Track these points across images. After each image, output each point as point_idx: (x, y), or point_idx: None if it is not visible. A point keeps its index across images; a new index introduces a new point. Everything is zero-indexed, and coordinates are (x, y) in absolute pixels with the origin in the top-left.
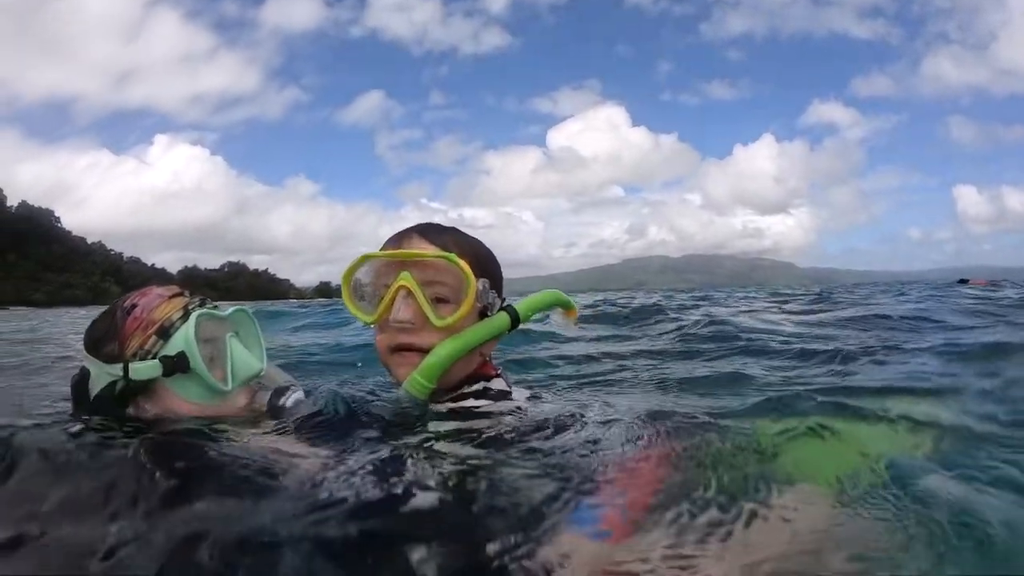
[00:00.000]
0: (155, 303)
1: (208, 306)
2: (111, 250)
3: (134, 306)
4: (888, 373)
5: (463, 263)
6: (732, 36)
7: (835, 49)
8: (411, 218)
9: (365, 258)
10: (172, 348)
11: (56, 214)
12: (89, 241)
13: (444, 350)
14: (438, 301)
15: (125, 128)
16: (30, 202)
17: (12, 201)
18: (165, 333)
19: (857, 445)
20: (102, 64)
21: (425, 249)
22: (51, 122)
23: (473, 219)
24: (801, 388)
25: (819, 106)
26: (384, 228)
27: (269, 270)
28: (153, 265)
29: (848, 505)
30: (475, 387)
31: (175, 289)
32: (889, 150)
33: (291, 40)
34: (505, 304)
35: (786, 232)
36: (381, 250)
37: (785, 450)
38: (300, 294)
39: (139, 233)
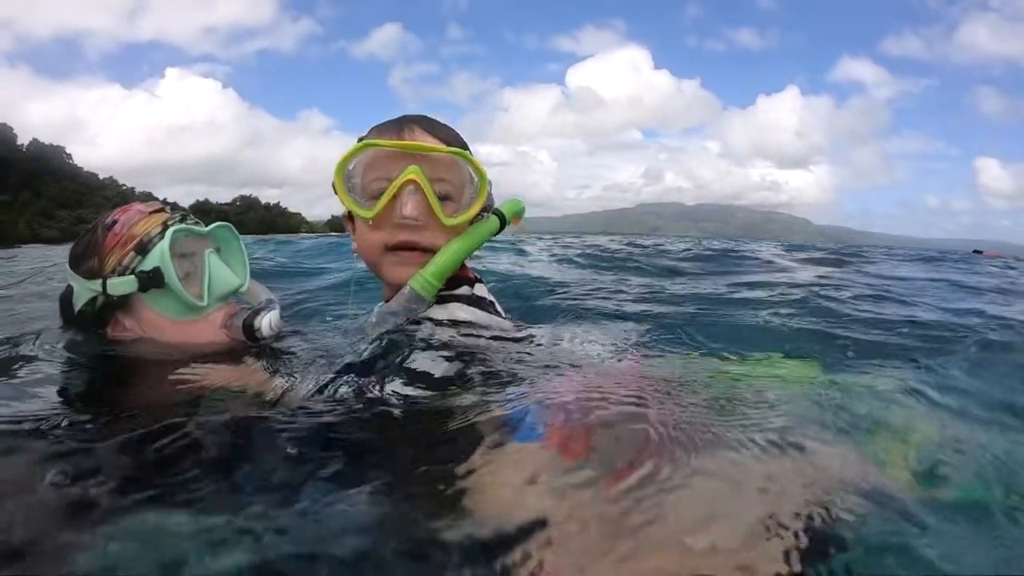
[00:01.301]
0: (135, 219)
1: (189, 222)
2: (123, 185)
3: (115, 222)
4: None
5: (477, 161)
6: None
7: (869, 4)
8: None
9: (367, 146)
10: (149, 264)
11: (67, 151)
12: (101, 177)
13: (455, 249)
14: (441, 199)
15: (136, 62)
16: (41, 140)
17: (23, 139)
18: (143, 248)
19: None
20: None
21: (430, 142)
22: (61, 58)
23: (488, 156)
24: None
25: (848, 62)
26: None
27: (281, 204)
28: (165, 199)
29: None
30: (461, 290)
31: (156, 205)
32: (915, 114)
33: None
34: (492, 207)
35: (804, 188)
36: (374, 139)
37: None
38: (311, 228)
39: (151, 167)
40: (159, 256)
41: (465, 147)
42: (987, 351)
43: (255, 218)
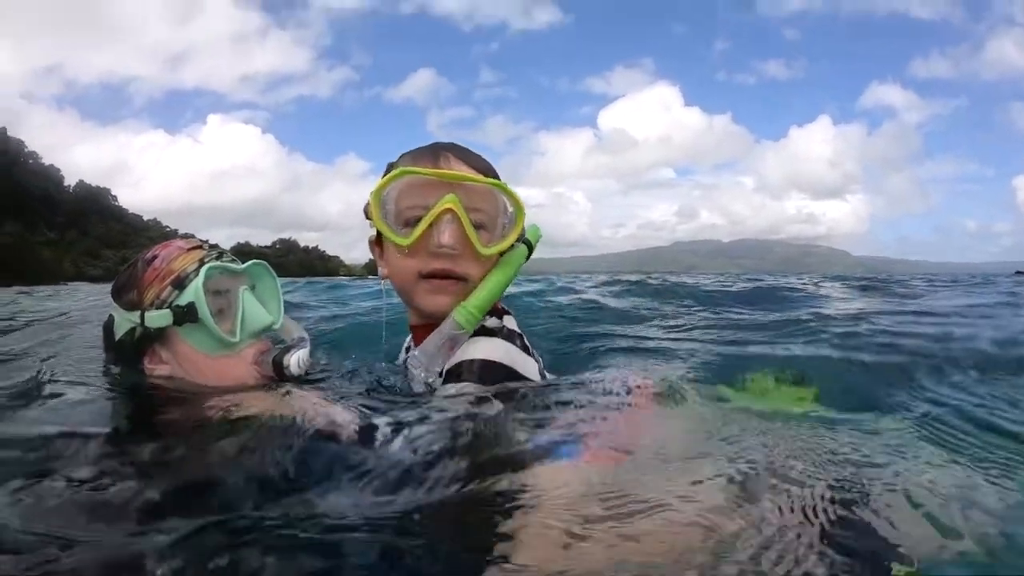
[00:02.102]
0: (174, 255)
1: (225, 260)
2: (166, 227)
3: (155, 257)
4: None
5: (513, 192)
6: (789, 13)
7: (895, 28)
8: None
9: (405, 173)
10: (185, 299)
11: (113, 193)
12: (145, 218)
13: (496, 280)
14: (476, 228)
15: (179, 108)
16: (87, 181)
17: (69, 181)
18: (180, 284)
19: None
20: (156, 46)
21: (464, 171)
22: (107, 104)
23: (525, 198)
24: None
25: (877, 88)
26: None
27: (319, 247)
28: (206, 240)
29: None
30: (492, 322)
31: (195, 242)
32: (947, 136)
33: (341, 19)
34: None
35: (840, 218)
36: (409, 166)
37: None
38: (350, 270)
39: (193, 210)
40: (194, 292)
41: (497, 176)
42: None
43: (294, 261)
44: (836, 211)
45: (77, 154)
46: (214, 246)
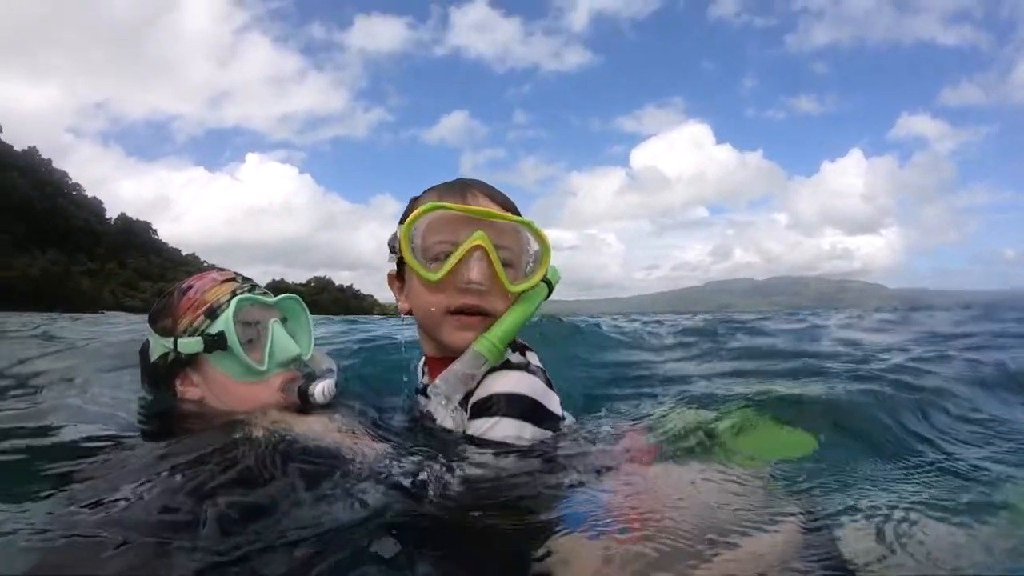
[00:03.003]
0: (208, 286)
1: (257, 292)
2: (204, 261)
3: (190, 287)
4: None
5: (540, 230)
6: (818, 48)
7: (923, 58)
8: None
9: (436, 208)
10: (216, 327)
11: (153, 227)
12: (184, 252)
13: (519, 313)
14: (503, 265)
15: (219, 146)
16: (129, 215)
17: (112, 213)
18: (212, 313)
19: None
20: (198, 86)
21: (492, 208)
22: (151, 141)
23: (558, 241)
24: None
25: (908, 119)
26: None
27: (354, 285)
28: (239, 274)
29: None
30: (515, 357)
31: (229, 274)
32: (980, 163)
33: (376, 62)
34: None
35: (875, 253)
36: (435, 202)
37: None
38: (383, 309)
39: (230, 246)
40: (224, 321)
41: (519, 213)
42: None
43: (329, 299)
44: (871, 246)
45: (121, 188)
46: (247, 279)
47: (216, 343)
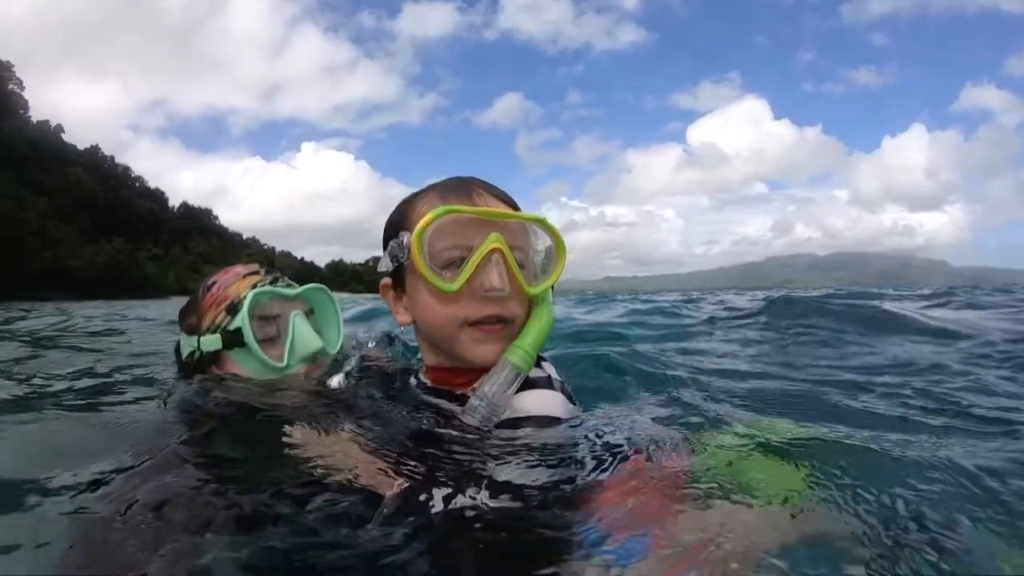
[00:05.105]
0: (231, 281)
1: (280, 285)
2: (264, 244)
3: (214, 283)
4: None
5: (554, 227)
6: (875, 18)
7: (986, 26)
8: (551, 217)
9: (449, 211)
10: (235, 324)
11: (214, 213)
12: (244, 236)
13: (544, 318)
14: (519, 267)
15: (274, 137)
16: (191, 203)
17: (174, 202)
18: (234, 309)
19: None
20: (252, 79)
21: (500, 207)
22: (208, 134)
23: (615, 217)
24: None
25: (972, 90)
26: None
27: None
28: (302, 258)
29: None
30: (535, 372)
31: (253, 267)
32: None
33: (428, 47)
34: None
35: (939, 229)
36: (447, 205)
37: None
38: None
39: (289, 230)
40: (241, 317)
41: (519, 209)
42: None
43: None
44: (934, 222)
45: (180, 179)
46: (272, 271)
47: (234, 339)
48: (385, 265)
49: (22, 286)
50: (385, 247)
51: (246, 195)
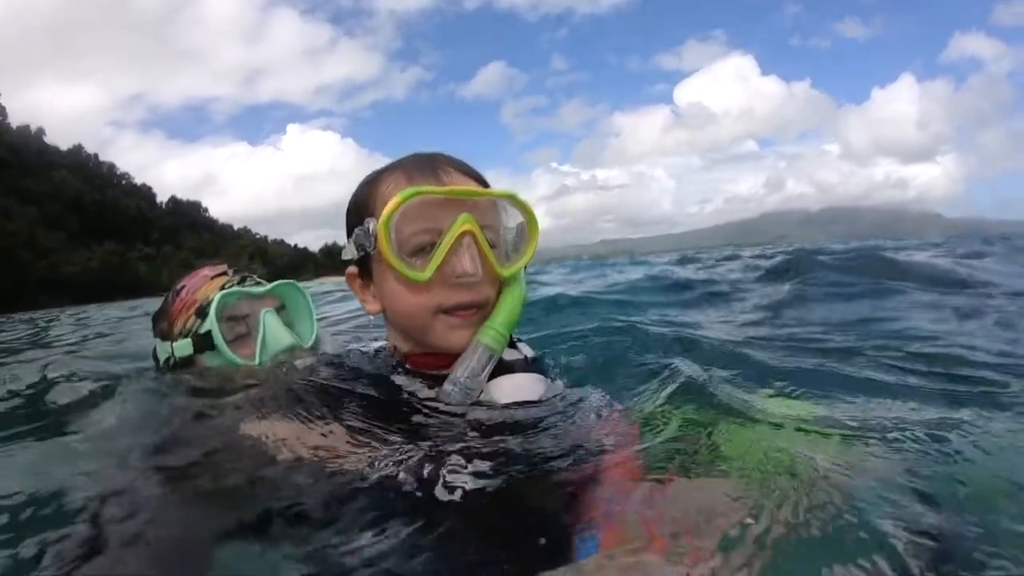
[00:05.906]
0: (199, 284)
1: (248, 284)
2: (256, 233)
3: (183, 288)
4: None
5: (526, 203)
6: None
7: None
8: (542, 182)
9: (416, 193)
10: (204, 327)
11: (204, 205)
12: (235, 227)
13: (517, 295)
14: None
15: (258, 121)
16: (179, 196)
17: (162, 198)
18: (203, 312)
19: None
20: (231, 66)
21: (469, 185)
22: (190, 123)
23: (606, 179)
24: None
25: (961, 39)
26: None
27: None
28: (295, 245)
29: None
30: (509, 354)
31: (220, 269)
32: None
33: (407, 21)
34: None
35: (931, 181)
36: (414, 187)
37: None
38: None
39: (280, 215)
40: (210, 319)
41: (487, 184)
42: None
43: None
44: (926, 174)
45: (166, 170)
46: (240, 271)
47: (204, 343)
48: (350, 253)
49: (21, 297)
50: (349, 234)
51: (234, 182)
